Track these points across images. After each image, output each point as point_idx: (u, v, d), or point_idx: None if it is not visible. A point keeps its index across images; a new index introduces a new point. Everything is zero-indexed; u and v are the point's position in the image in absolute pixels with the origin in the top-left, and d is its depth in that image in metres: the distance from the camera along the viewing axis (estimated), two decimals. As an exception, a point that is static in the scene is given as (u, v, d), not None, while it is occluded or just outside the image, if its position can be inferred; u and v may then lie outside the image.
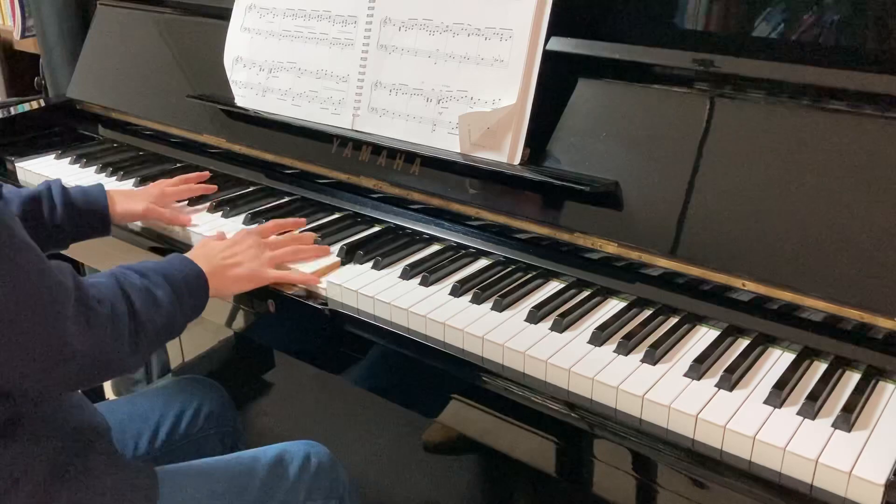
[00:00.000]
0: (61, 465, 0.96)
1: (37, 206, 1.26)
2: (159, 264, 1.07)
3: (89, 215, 1.31)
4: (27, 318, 0.83)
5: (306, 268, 1.21)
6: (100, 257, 1.54)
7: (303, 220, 1.35)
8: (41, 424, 0.96)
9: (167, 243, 1.39)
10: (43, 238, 1.26)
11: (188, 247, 1.33)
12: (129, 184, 1.58)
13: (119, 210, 1.35)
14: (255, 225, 1.34)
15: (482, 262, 1.24)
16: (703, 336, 1.04)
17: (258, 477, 1.10)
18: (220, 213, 1.42)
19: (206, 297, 1.10)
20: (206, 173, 1.53)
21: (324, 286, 1.19)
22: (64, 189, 1.30)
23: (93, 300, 0.91)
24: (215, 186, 1.49)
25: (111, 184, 1.59)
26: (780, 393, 0.90)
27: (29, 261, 0.83)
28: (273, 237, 1.25)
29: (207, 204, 1.46)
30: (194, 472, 1.09)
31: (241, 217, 1.41)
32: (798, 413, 0.88)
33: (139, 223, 1.43)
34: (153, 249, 1.39)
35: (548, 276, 1.18)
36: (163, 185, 1.44)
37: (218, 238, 1.24)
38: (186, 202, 1.46)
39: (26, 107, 1.91)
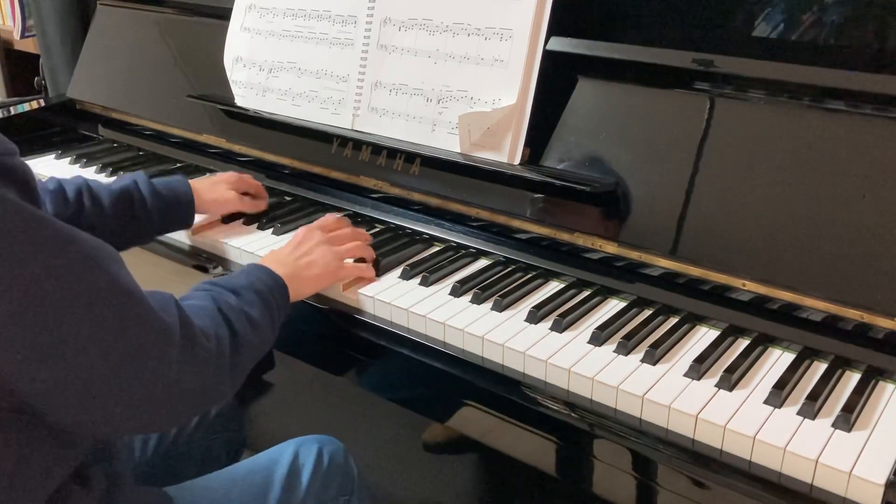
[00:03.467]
0: (86, 497, 0.92)
1: (128, 201, 1.25)
2: (247, 279, 1.02)
3: (177, 208, 1.30)
4: (125, 365, 0.77)
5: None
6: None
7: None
8: (83, 483, 0.91)
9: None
10: (131, 233, 1.26)
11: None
12: (129, 184, 1.58)
13: (207, 199, 1.34)
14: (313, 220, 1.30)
15: (482, 262, 1.24)
16: (703, 336, 1.04)
17: (273, 494, 1.08)
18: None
19: (289, 305, 1.06)
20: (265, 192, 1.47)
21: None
22: (150, 182, 1.29)
23: (199, 336, 0.85)
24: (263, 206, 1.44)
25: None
26: (780, 393, 0.90)
27: (130, 307, 0.78)
28: (335, 231, 1.21)
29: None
30: (209, 491, 1.07)
31: (241, 218, 1.40)
32: (798, 413, 0.88)
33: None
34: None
35: (548, 276, 1.18)
36: (240, 174, 1.42)
37: None
38: None
39: (26, 107, 1.91)
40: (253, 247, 1.30)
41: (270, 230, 1.36)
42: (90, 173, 1.64)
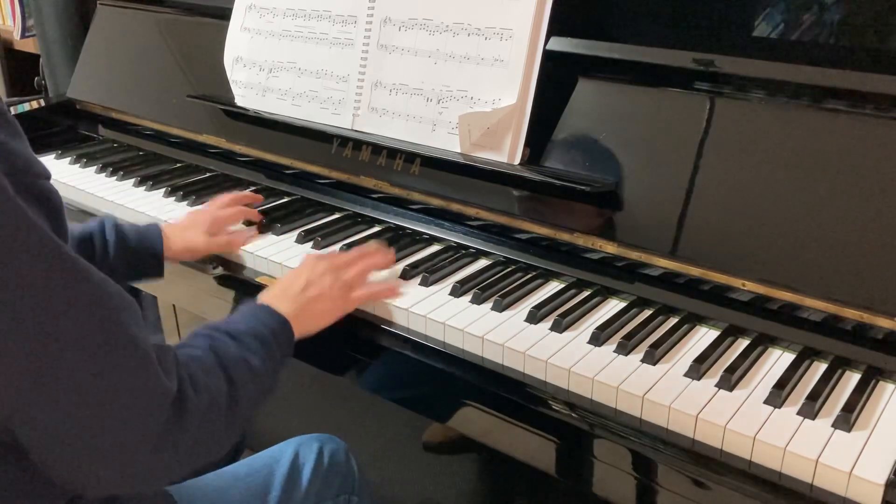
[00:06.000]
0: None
1: (89, 247, 1.17)
2: (248, 323, 0.96)
3: (143, 258, 1.21)
4: (115, 418, 0.74)
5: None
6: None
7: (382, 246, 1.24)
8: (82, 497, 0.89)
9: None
10: None
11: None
12: (128, 183, 1.58)
13: (177, 248, 1.25)
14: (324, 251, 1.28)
15: (482, 262, 1.24)
16: (703, 336, 1.04)
17: (273, 493, 1.08)
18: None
19: (292, 346, 1.01)
20: (260, 196, 1.45)
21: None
22: (117, 227, 1.20)
23: (190, 393, 0.80)
24: (260, 216, 1.39)
25: (111, 183, 1.59)
26: (780, 393, 0.90)
27: (133, 358, 0.75)
28: (342, 258, 1.14)
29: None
30: (208, 491, 1.06)
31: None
32: (798, 413, 0.88)
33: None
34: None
35: (548, 276, 1.18)
36: (213, 209, 1.34)
37: None
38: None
39: (26, 107, 1.91)
40: (250, 247, 1.31)
41: (270, 231, 1.36)
42: (90, 173, 1.64)
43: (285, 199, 1.48)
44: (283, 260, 1.26)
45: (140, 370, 0.75)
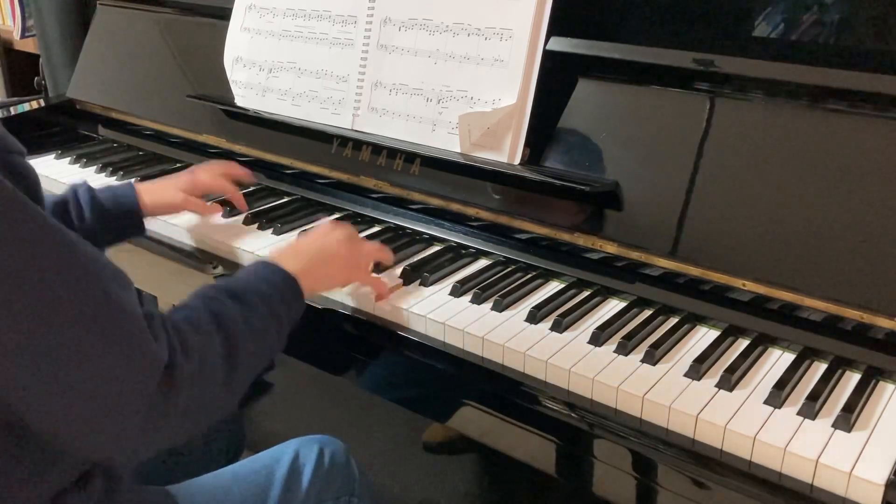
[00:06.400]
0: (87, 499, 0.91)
1: (64, 213, 1.18)
2: (251, 281, 0.95)
3: (120, 216, 1.23)
4: (112, 391, 0.74)
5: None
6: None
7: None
8: (82, 485, 0.89)
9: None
10: None
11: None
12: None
13: (151, 201, 1.27)
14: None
15: (482, 262, 1.24)
16: (703, 336, 1.04)
17: (274, 493, 1.07)
18: (220, 213, 1.42)
19: (301, 302, 0.99)
20: (250, 175, 1.44)
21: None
22: (91, 190, 1.22)
23: (180, 359, 0.79)
24: (246, 207, 1.41)
25: (111, 183, 1.59)
26: (780, 393, 0.90)
27: (122, 325, 0.74)
28: (356, 232, 1.17)
29: (209, 204, 1.45)
30: (207, 492, 1.06)
31: (241, 217, 1.40)
32: (798, 413, 0.88)
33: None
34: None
35: (548, 276, 1.18)
36: (197, 172, 1.36)
37: None
38: None
39: (26, 107, 1.91)
40: (250, 246, 1.30)
41: (270, 230, 1.35)
42: (90, 173, 1.64)
43: (285, 199, 1.48)
44: (283, 260, 1.25)
45: (131, 338, 0.75)
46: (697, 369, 0.95)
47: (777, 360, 0.98)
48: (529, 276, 1.18)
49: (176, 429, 0.82)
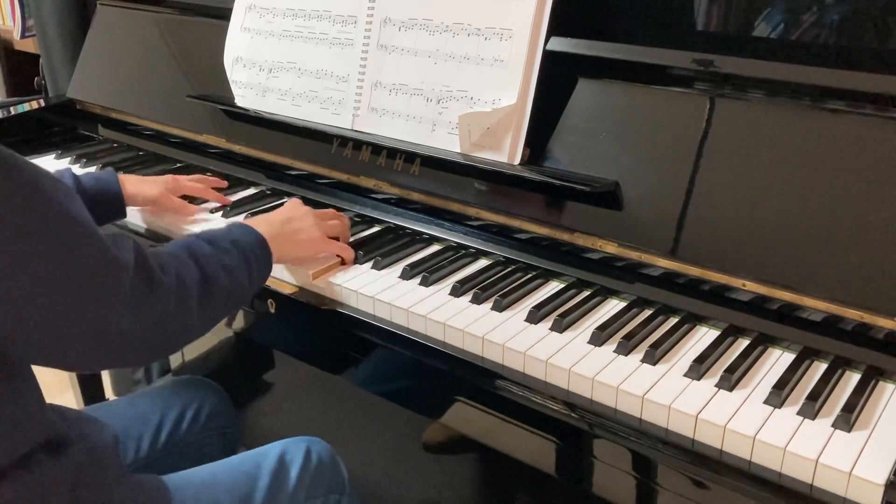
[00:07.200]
0: (75, 493, 0.92)
1: None
2: (225, 233, 1.06)
3: (103, 200, 1.31)
4: (77, 297, 0.78)
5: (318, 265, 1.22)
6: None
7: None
8: (55, 453, 0.91)
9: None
10: None
11: None
12: (129, 184, 1.58)
13: (131, 191, 1.35)
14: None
15: (482, 262, 1.24)
16: (703, 336, 1.04)
17: (262, 483, 1.09)
18: (220, 214, 1.42)
19: (270, 263, 1.11)
20: (225, 182, 1.52)
21: (323, 286, 1.19)
22: (75, 177, 1.29)
23: (156, 273, 0.86)
24: (230, 200, 1.47)
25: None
26: (780, 393, 0.90)
27: (79, 235, 0.79)
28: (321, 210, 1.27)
29: (209, 204, 1.46)
30: (198, 481, 1.08)
31: (241, 217, 1.40)
32: (798, 413, 0.88)
33: (144, 225, 1.42)
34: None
35: (548, 276, 1.18)
36: (178, 177, 1.44)
37: None
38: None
39: (26, 107, 1.91)
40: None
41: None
42: (90, 173, 1.64)
43: (285, 200, 1.48)
44: (283, 260, 1.25)
45: (87, 244, 0.79)
46: (697, 369, 0.95)
47: (777, 360, 0.98)
48: (529, 276, 1.18)
49: (154, 339, 0.87)
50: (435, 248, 1.29)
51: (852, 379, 0.94)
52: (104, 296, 0.80)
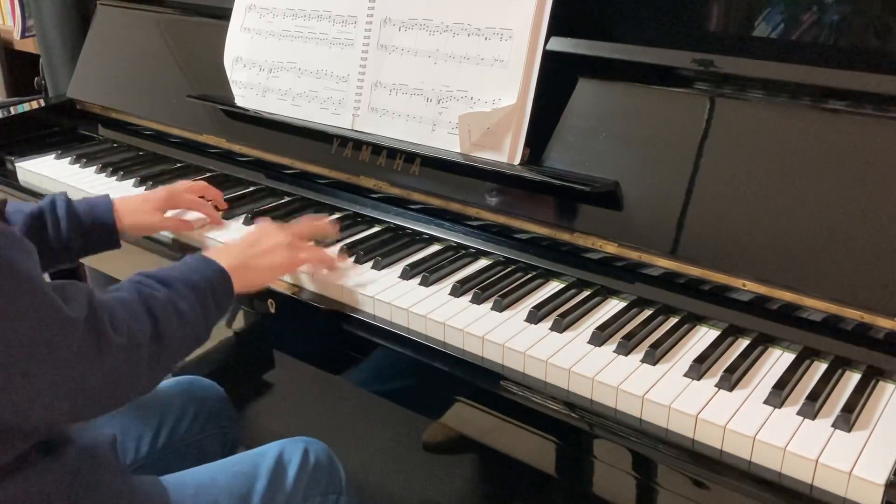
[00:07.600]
0: (73, 493, 0.93)
1: (41, 224, 1.21)
2: (182, 271, 1.01)
3: (96, 231, 1.26)
4: (27, 358, 0.78)
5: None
6: (114, 265, 1.51)
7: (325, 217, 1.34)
8: (51, 454, 0.92)
9: (180, 249, 1.37)
10: (49, 255, 1.21)
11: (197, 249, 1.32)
12: (128, 183, 1.58)
13: (127, 223, 1.29)
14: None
15: (482, 262, 1.24)
16: (703, 336, 1.04)
17: (260, 484, 1.09)
18: (221, 214, 1.42)
19: (230, 296, 1.06)
20: (220, 194, 1.45)
21: (324, 286, 1.19)
22: (69, 204, 1.24)
23: (107, 329, 0.85)
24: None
25: (111, 184, 1.59)
26: (780, 393, 0.90)
27: (29, 299, 0.78)
28: (292, 226, 1.23)
29: (208, 204, 1.45)
30: (196, 482, 1.08)
31: (241, 217, 1.40)
32: (798, 413, 0.88)
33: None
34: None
35: (548, 276, 1.18)
36: (172, 190, 1.38)
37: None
38: None
39: (26, 107, 1.91)
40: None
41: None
42: (90, 173, 1.64)
43: (285, 199, 1.48)
44: (283, 260, 1.25)
45: (37, 306, 0.79)
46: (697, 369, 0.95)
47: (777, 360, 0.98)
48: (529, 276, 1.18)
49: (100, 392, 0.86)
50: (435, 248, 1.29)
51: (852, 379, 0.94)
52: (53, 355, 0.80)
